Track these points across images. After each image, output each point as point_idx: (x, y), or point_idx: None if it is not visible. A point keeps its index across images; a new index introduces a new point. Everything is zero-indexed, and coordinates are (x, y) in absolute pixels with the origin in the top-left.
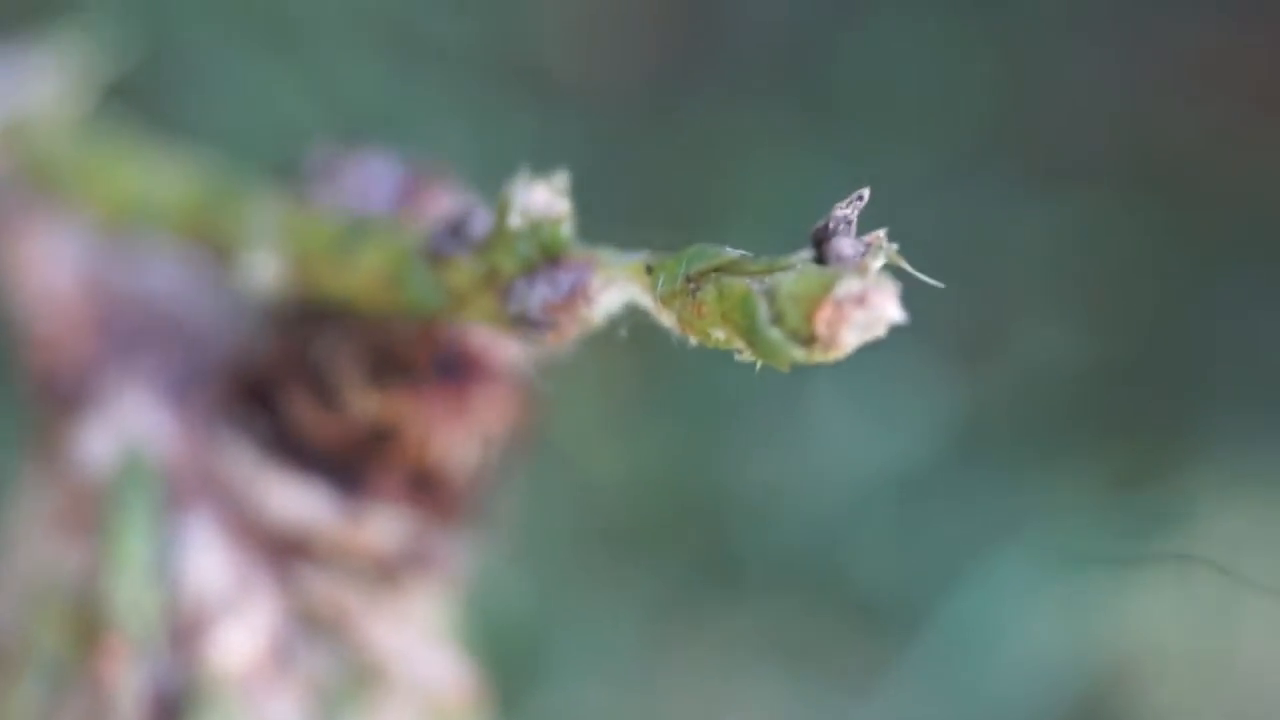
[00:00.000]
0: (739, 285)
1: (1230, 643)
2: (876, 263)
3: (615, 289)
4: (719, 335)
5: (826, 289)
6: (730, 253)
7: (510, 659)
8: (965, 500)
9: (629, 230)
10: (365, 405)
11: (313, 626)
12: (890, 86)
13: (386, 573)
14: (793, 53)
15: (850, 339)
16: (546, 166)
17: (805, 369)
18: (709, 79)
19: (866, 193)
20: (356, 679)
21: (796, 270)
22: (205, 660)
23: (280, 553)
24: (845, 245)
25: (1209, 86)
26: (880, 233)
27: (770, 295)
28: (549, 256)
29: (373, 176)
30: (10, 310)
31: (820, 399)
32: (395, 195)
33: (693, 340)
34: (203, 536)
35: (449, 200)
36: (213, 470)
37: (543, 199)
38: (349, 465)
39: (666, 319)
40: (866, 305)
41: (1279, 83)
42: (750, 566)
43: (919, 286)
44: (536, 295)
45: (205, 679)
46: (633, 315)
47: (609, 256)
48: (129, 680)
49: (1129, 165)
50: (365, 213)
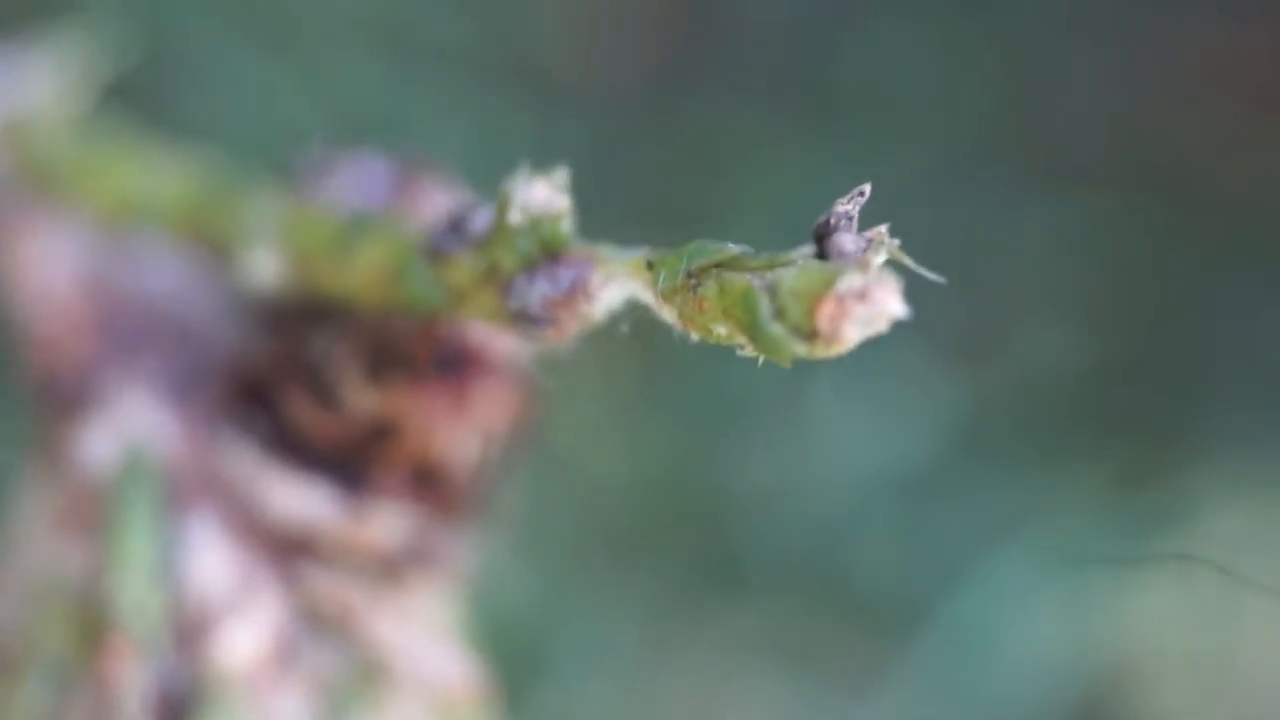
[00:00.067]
0: (740, 281)
1: (1231, 643)
2: (878, 258)
3: (616, 285)
4: (720, 331)
5: (828, 284)
6: (731, 248)
7: (512, 657)
8: (966, 500)
9: (629, 229)
10: (364, 402)
11: (317, 624)
12: (890, 87)
13: (390, 570)
14: (793, 53)
15: (852, 334)
16: (546, 165)
17: (806, 369)
18: (709, 79)
19: (868, 188)
20: (362, 676)
21: (798, 266)
22: (210, 659)
23: (284, 551)
24: (847, 241)
25: (1209, 87)
26: (882, 228)
27: (772, 291)
28: (549, 253)
29: (364, 175)
30: (10, 310)
31: (821, 400)
32: (387, 193)
33: (694, 336)
34: (205, 536)
35: (442, 197)
36: (215, 469)
37: (543, 195)
38: (351, 463)
39: (668, 315)
40: (868, 300)
41: (1279, 83)
42: (751, 566)
43: (920, 287)
44: (537, 291)
45: (210, 678)
46: (634, 312)
47: (609, 253)
48: (134, 680)
49: (1129, 166)
50: (364, 210)
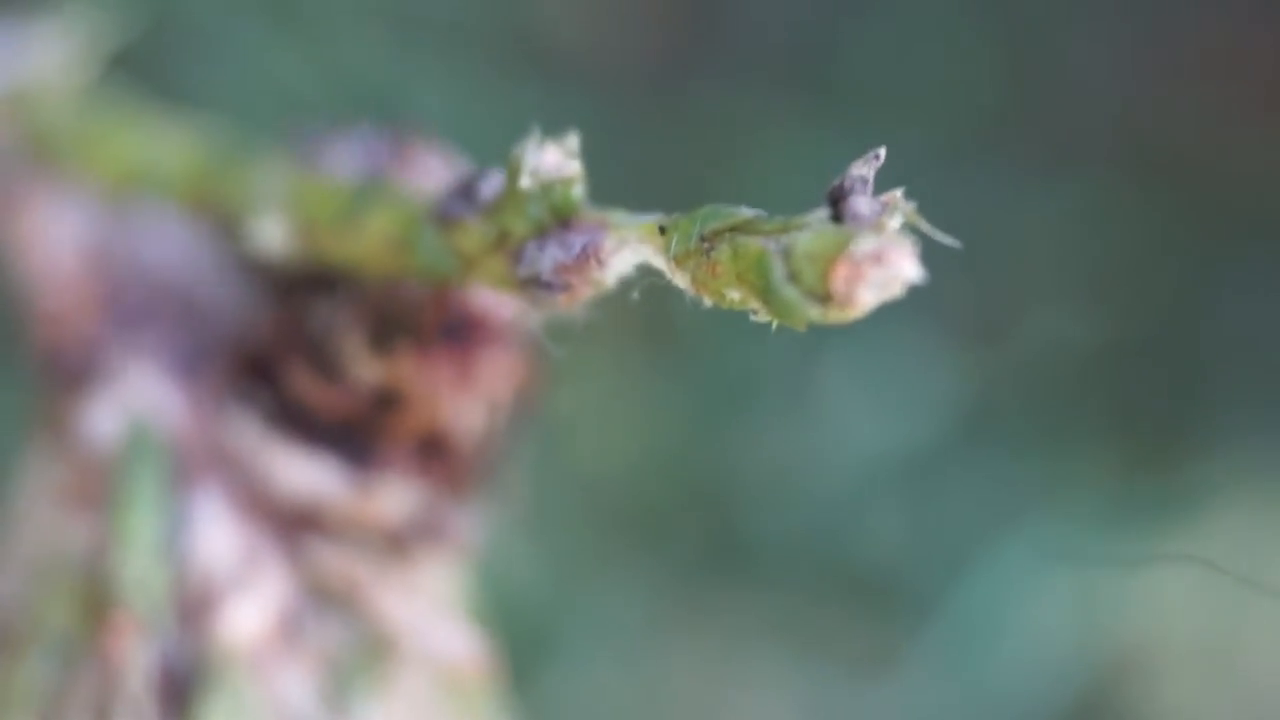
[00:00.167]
0: (754, 244)
1: (1237, 634)
2: (893, 222)
3: (628, 250)
4: (734, 296)
5: (843, 247)
6: (745, 212)
7: (518, 638)
8: (972, 484)
9: (633, 209)
10: (368, 372)
11: (323, 600)
12: (899, 70)
13: (397, 544)
14: (799, 34)
15: (867, 297)
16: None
17: (813, 350)
18: (714, 60)
19: (883, 152)
20: (368, 652)
21: (812, 229)
22: (214, 636)
23: (290, 526)
24: (862, 204)
25: (1217, 74)
26: (897, 192)
27: (786, 254)
28: (560, 218)
29: (358, 145)
30: (15, 285)
31: (828, 381)
32: (381, 163)
33: (706, 302)
34: (211, 511)
35: (439, 167)
36: (220, 444)
37: (554, 160)
38: (357, 436)
39: (680, 280)
40: (883, 263)
41: None
42: (757, 549)
43: (928, 270)
44: (548, 257)
45: (214, 655)
46: (644, 278)
47: (621, 218)
48: (137, 657)
49: (1135, 150)
50: (371, 177)
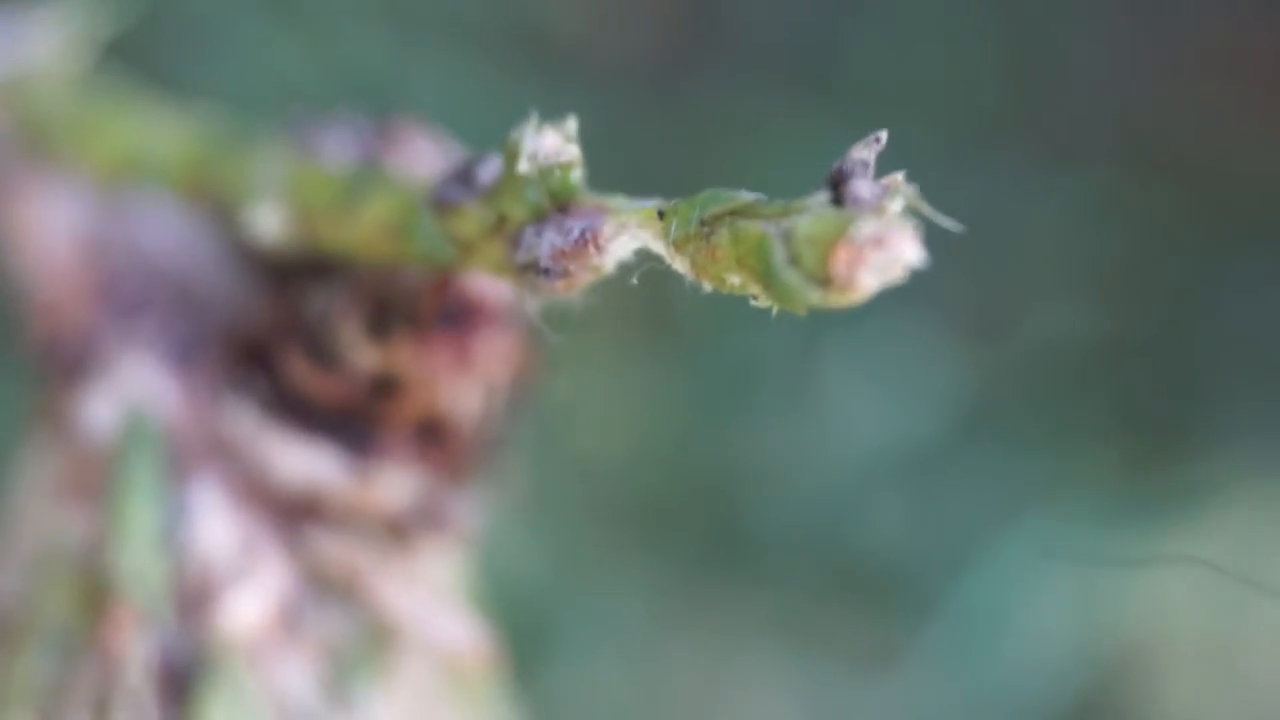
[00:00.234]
0: (754, 228)
1: (1238, 630)
2: (894, 205)
3: (627, 235)
4: (734, 280)
5: (843, 230)
6: (745, 196)
7: (520, 633)
8: (973, 479)
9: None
10: (364, 358)
11: (324, 589)
12: (900, 67)
13: (397, 532)
14: (800, 32)
15: (868, 281)
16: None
17: (814, 346)
18: (715, 57)
19: (884, 135)
20: (369, 641)
21: (813, 213)
22: (214, 627)
23: (289, 515)
24: (862, 187)
25: (1217, 73)
26: (899, 175)
27: (786, 238)
28: (559, 203)
29: (346, 133)
30: (13, 276)
31: (829, 376)
32: (369, 150)
33: (707, 286)
34: (209, 501)
35: (429, 153)
36: (217, 433)
37: (552, 144)
38: (355, 423)
39: (680, 265)
40: (884, 247)
41: None
42: (758, 545)
43: (929, 264)
44: (546, 243)
45: (214, 646)
46: (644, 263)
47: (620, 203)
48: (137, 650)
49: (1138, 148)
50: (369, 163)
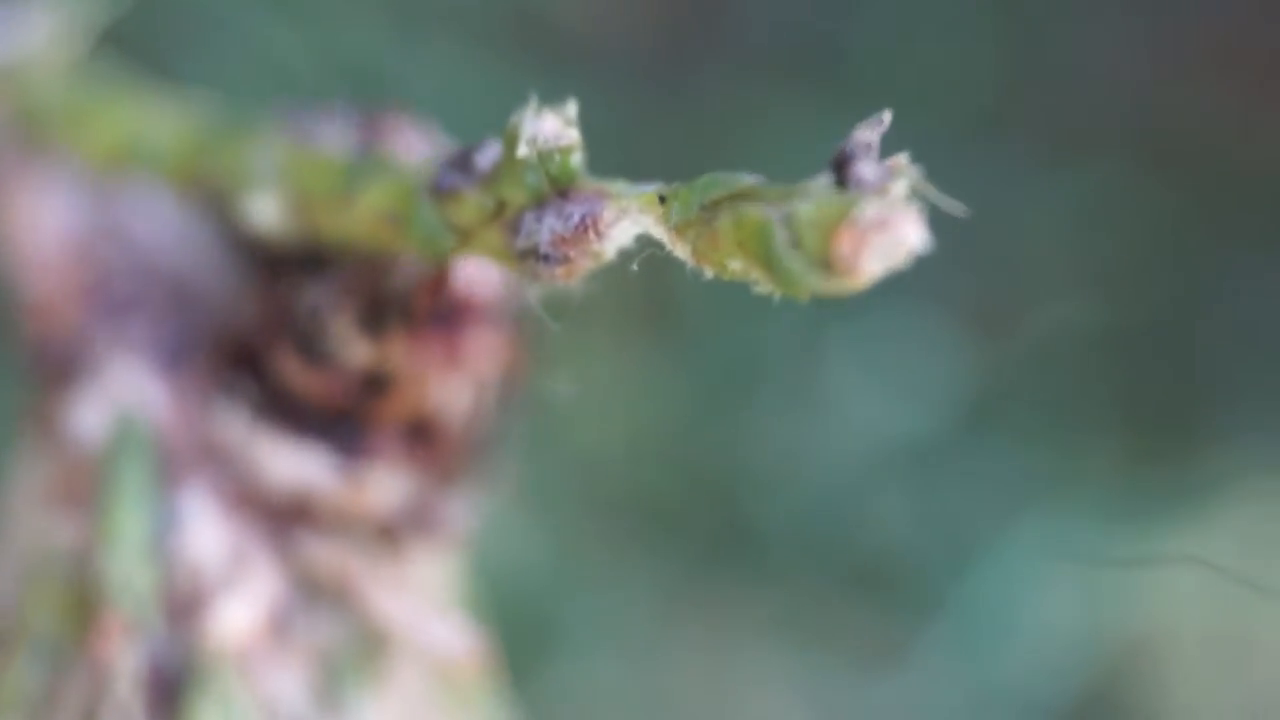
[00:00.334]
0: (756, 212)
1: (1244, 627)
2: (899, 187)
3: (628, 221)
4: (735, 266)
5: (846, 214)
6: (746, 180)
7: (519, 632)
8: (977, 476)
9: None
10: (355, 354)
11: (315, 595)
12: (903, 60)
13: (389, 536)
14: (803, 20)
15: (872, 266)
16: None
17: (817, 339)
18: (718, 48)
19: (887, 117)
20: (362, 647)
21: (815, 196)
22: (204, 635)
23: (279, 520)
24: (866, 169)
25: (1222, 66)
26: (902, 156)
27: (788, 222)
28: (559, 188)
29: (334, 122)
30: (8, 273)
31: (832, 369)
32: (358, 140)
33: (708, 273)
34: (198, 507)
35: (415, 141)
36: (208, 437)
37: (552, 128)
38: (345, 424)
39: (681, 251)
40: (888, 230)
41: None
42: (761, 541)
43: (933, 260)
44: (545, 229)
45: (204, 654)
46: (645, 249)
47: (621, 188)
48: (126, 659)
49: (1142, 138)
50: (366, 151)
